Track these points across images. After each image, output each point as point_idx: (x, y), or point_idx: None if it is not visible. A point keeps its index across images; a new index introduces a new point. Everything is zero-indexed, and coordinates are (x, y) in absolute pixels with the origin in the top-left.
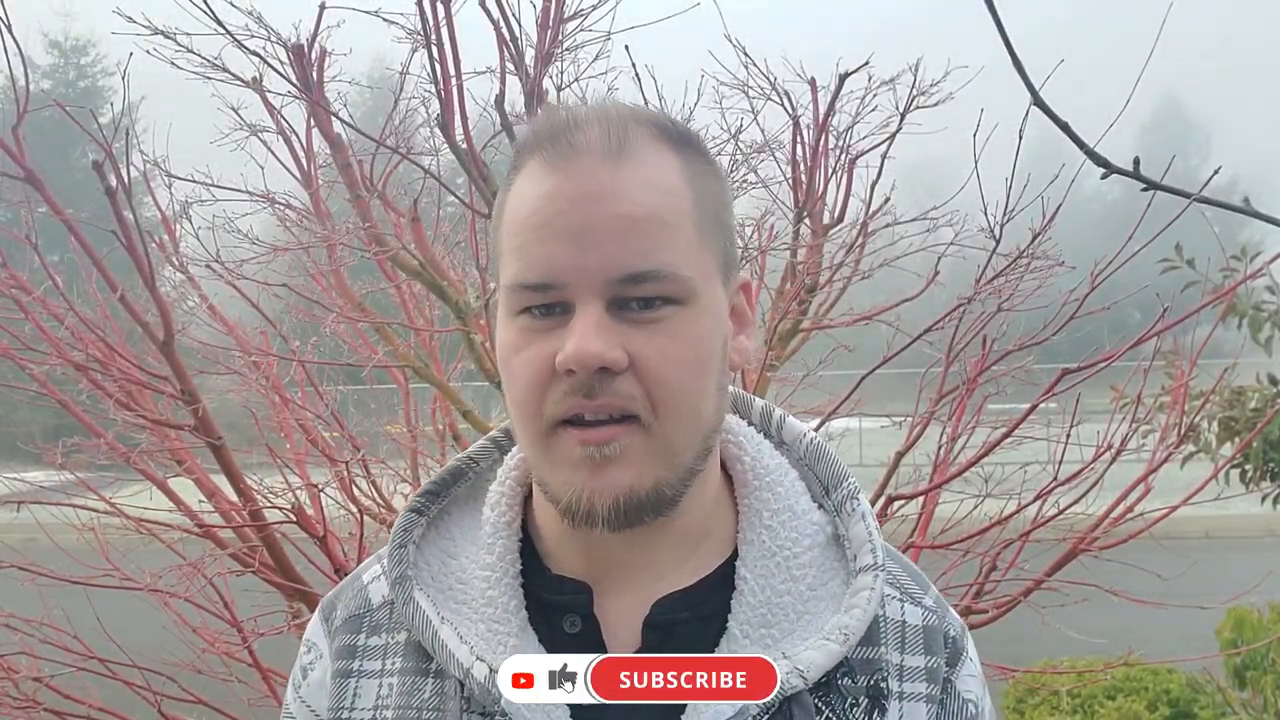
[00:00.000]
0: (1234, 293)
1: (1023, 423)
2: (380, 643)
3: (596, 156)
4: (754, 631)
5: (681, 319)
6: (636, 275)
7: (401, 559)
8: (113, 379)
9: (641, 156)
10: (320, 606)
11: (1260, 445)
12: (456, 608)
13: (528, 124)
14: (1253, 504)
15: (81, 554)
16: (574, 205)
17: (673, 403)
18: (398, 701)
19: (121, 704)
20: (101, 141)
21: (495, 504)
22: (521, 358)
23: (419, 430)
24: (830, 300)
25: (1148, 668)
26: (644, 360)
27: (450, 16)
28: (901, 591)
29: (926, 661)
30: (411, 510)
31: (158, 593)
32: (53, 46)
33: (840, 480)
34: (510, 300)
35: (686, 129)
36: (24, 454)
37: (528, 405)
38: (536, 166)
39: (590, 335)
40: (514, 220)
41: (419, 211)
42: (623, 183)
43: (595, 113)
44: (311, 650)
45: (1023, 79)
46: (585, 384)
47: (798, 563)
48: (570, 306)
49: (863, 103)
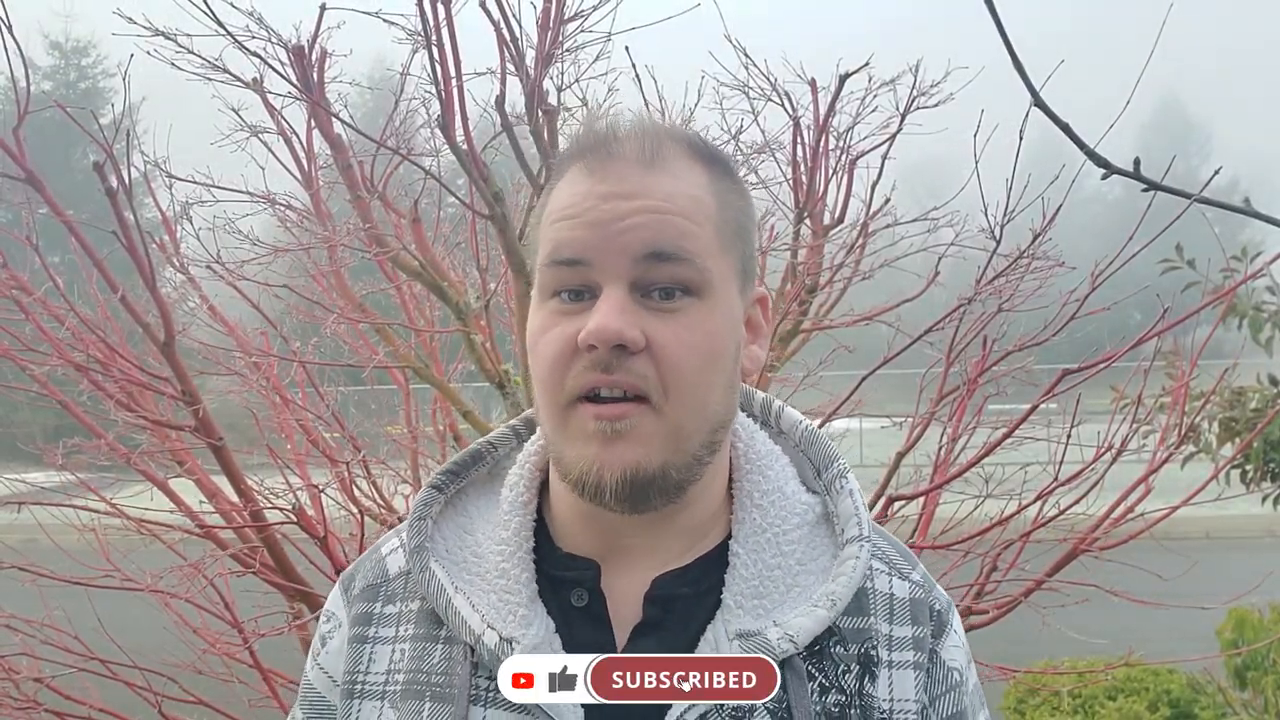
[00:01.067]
0: (1234, 293)
1: (1023, 423)
2: (395, 610)
3: (630, 163)
4: (747, 603)
5: (698, 311)
6: (660, 253)
7: (420, 530)
8: (113, 380)
9: (673, 168)
10: (341, 578)
11: (1261, 446)
12: (470, 579)
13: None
14: (1253, 504)
15: (82, 555)
16: (606, 200)
17: (682, 387)
18: (409, 665)
19: (122, 705)
20: (102, 142)
21: (514, 485)
22: (548, 336)
23: (419, 431)
24: (831, 301)
25: (1148, 668)
26: (659, 343)
27: (450, 17)
28: (890, 567)
29: (914, 631)
30: (432, 487)
31: (158, 593)
32: (53, 48)
33: (830, 461)
34: (543, 280)
35: (718, 150)
36: (24, 455)
37: (550, 380)
38: (575, 172)
39: (612, 314)
40: (551, 215)
41: (419, 212)
42: (652, 186)
43: (634, 126)
44: (331, 620)
45: (1023, 80)
46: (604, 359)
47: (787, 539)
48: (597, 290)
49: (863, 103)
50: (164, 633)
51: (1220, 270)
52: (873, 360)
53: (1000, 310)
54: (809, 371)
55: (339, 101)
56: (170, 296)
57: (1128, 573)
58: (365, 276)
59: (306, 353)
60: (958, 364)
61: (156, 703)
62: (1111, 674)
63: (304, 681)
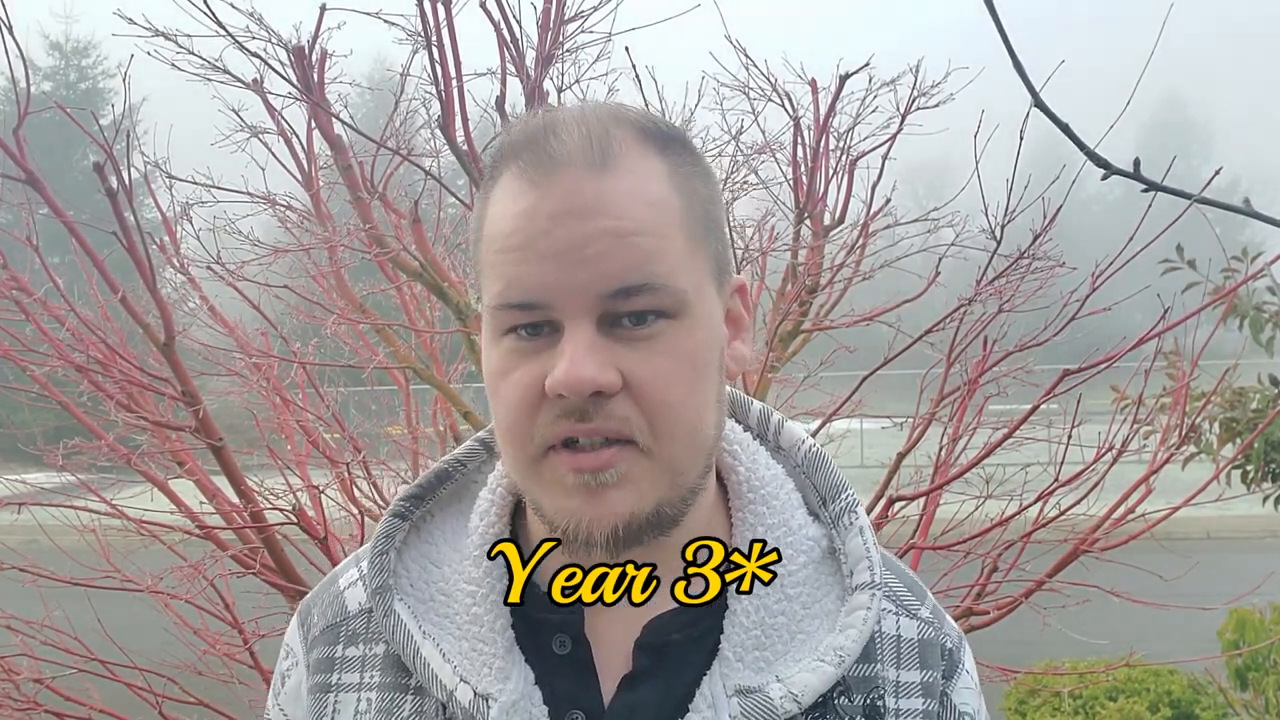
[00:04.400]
0: (1235, 294)
1: (1024, 424)
2: (358, 654)
3: (578, 168)
4: (747, 655)
5: (675, 333)
6: (628, 289)
7: (382, 567)
8: (113, 380)
9: (626, 165)
10: (299, 610)
11: (1261, 446)
12: (439, 620)
13: (503, 129)
14: (1254, 505)
15: (82, 555)
16: (556, 223)
17: (672, 423)
18: (377, 718)
19: (122, 705)
20: (102, 143)
21: (485, 513)
22: (509, 381)
23: (420, 432)
24: (831, 301)
25: (1149, 669)
26: (639, 381)
27: (451, 18)
28: (897, 605)
29: (923, 676)
30: (394, 515)
31: (159, 594)
32: (54, 48)
33: (839, 491)
34: (495, 321)
35: (670, 127)
36: (25, 455)
37: (516, 430)
38: (513, 179)
39: (581, 358)
40: (493, 238)
41: (420, 213)
42: (608, 196)
43: (574, 116)
44: (289, 656)
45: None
46: (578, 408)
47: (791, 580)
48: (559, 325)
49: (863, 104)
50: (164, 634)
51: (1221, 271)
52: (873, 361)
53: (1001, 311)
54: (809, 372)
55: (339, 102)
56: (170, 297)
57: (1128, 573)
58: (366, 277)
59: (307, 353)
60: (958, 364)
61: (157, 703)
62: (1112, 675)
63: (265, 718)
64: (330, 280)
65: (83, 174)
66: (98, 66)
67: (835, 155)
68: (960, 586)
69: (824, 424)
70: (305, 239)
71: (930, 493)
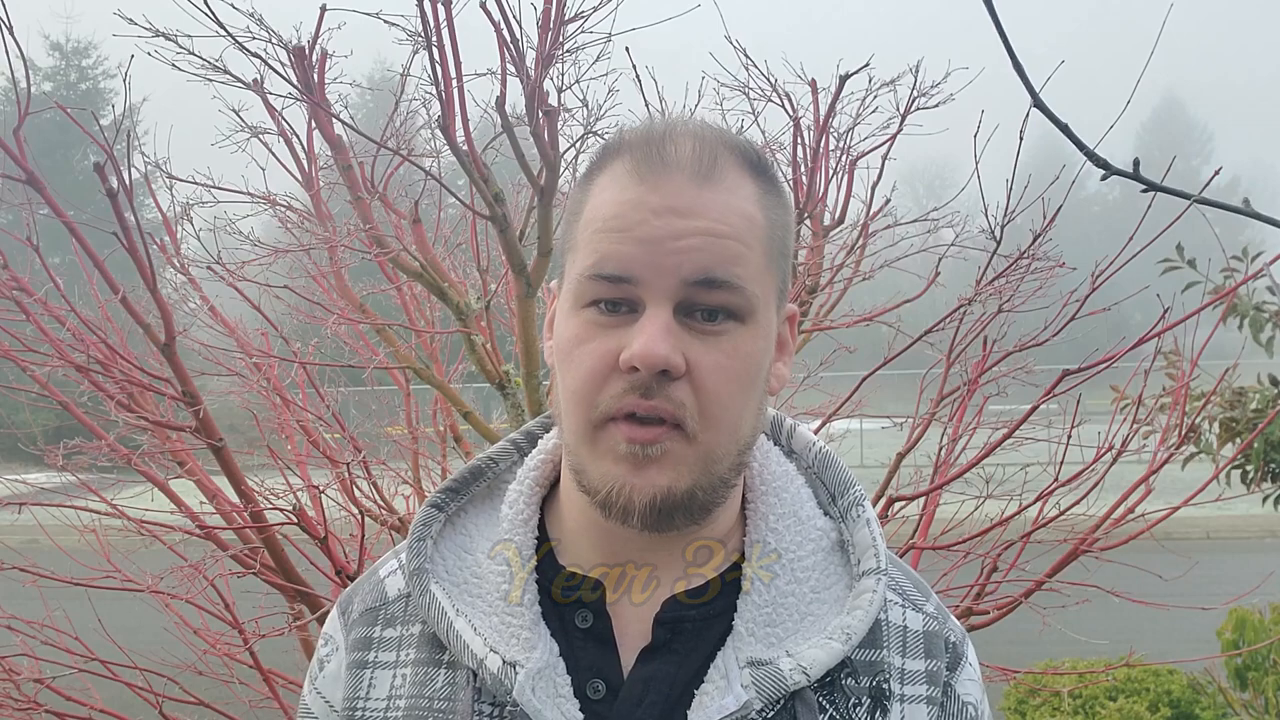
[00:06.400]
0: (1235, 293)
1: (1023, 424)
2: (395, 634)
3: (686, 175)
4: (759, 630)
5: (740, 336)
6: (711, 280)
7: (420, 552)
8: (114, 380)
9: (728, 182)
10: (339, 601)
11: (1261, 446)
12: (471, 600)
13: (617, 131)
14: (1254, 505)
15: (83, 556)
16: (658, 216)
17: (719, 415)
18: (410, 691)
19: (123, 705)
20: (103, 143)
21: (513, 502)
22: (586, 349)
23: (420, 432)
24: (831, 301)
25: (1149, 669)
26: (701, 370)
27: (451, 18)
28: (904, 598)
29: (927, 665)
30: (431, 506)
31: (159, 594)
32: (54, 49)
33: (847, 487)
34: (580, 290)
35: (766, 160)
36: (25, 455)
37: (583, 395)
38: (623, 172)
39: (659, 337)
40: (593, 220)
41: (420, 213)
42: (707, 203)
43: (689, 130)
44: (328, 643)
45: (1023, 80)
46: (644, 383)
47: (802, 565)
48: (639, 305)
49: (863, 104)
50: (164, 634)
51: (1221, 271)
52: (873, 361)
53: (1001, 311)
54: (810, 372)
55: (339, 102)
56: (171, 297)
57: (1128, 573)
58: (366, 277)
59: (307, 354)
60: (958, 364)
61: (157, 703)
62: (1112, 674)
63: (301, 705)
64: (330, 280)
65: (83, 174)
66: (98, 67)
67: (835, 155)
68: (960, 586)
69: (824, 424)
70: (305, 239)
71: (930, 493)
